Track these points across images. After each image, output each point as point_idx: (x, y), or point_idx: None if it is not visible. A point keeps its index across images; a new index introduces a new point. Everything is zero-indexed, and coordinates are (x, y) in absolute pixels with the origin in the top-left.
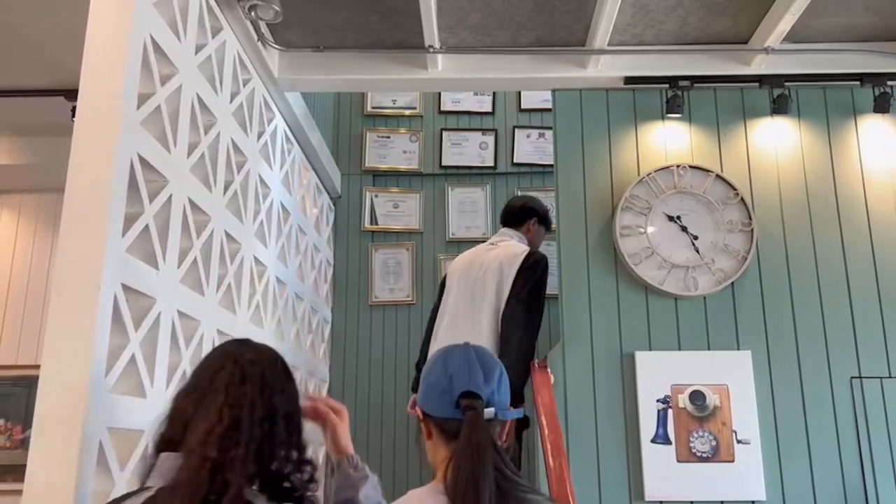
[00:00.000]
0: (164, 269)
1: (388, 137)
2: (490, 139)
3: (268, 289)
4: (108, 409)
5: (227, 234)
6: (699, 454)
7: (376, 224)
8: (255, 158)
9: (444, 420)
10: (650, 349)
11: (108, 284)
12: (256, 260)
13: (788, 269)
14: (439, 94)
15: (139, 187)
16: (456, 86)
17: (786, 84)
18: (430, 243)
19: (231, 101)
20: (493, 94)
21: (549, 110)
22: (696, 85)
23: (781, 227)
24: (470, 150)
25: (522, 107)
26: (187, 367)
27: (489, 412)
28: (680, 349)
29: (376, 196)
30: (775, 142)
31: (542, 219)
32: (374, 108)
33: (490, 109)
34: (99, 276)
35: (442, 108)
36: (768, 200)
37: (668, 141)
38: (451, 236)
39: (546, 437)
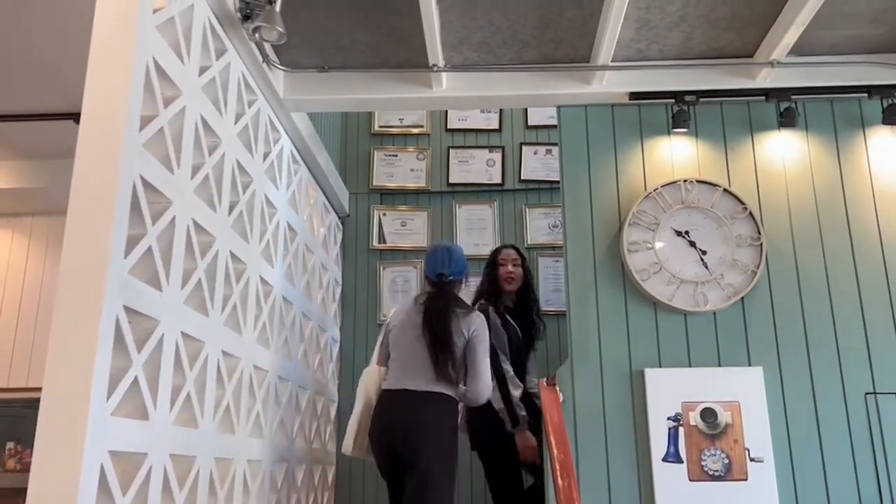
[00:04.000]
0: (167, 291)
1: (396, 156)
2: (497, 156)
3: (274, 308)
4: (110, 431)
5: (233, 255)
6: (711, 473)
7: (384, 242)
8: (260, 179)
9: (431, 280)
10: (660, 366)
11: (110, 306)
12: (262, 280)
13: (799, 283)
14: (446, 112)
15: (142, 209)
16: (461, 104)
17: (792, 97)
18: None
19: (236, 122)
20: (500, 111)
21: (556, 126)
22: (701, 99)
23: (791, 241)
24: (477, 167)
25: (529, 123)
26: (191, 388)
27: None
28: (690, 366)
29: (384, 214)
30: (783, 155)
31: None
32: (381, 126)
33: (497, 126)
34: (101, 298)
35: (449, 126)
36: (777, 214)
37: (674, 155)
38: None
39: (555, 456)
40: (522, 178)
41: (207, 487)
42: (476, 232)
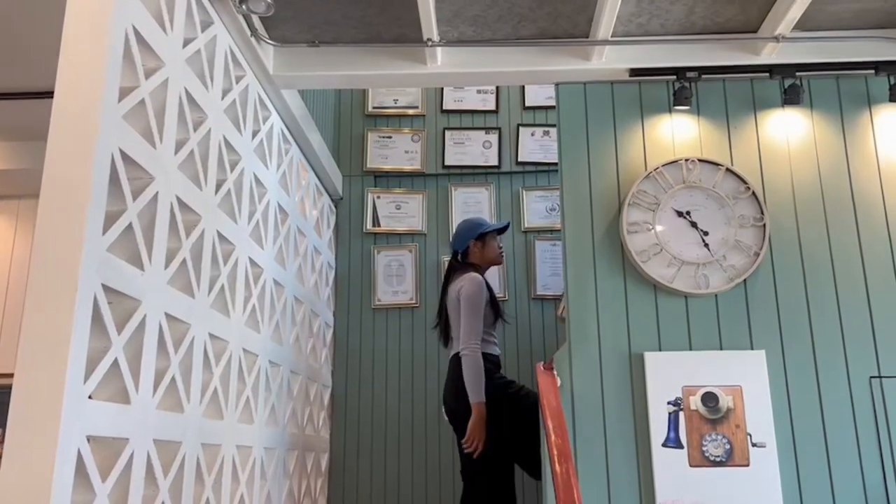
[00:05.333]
0: (149, 270)
1: (390, 137)
2: (494, 138)
3: (264, 291)
4: (88, 415)
5: (220, 235)
6: (712, 458)
7: (378, 226)
8: (249, 157)
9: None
10: (660, 349)
11: (87, 284)
12: (252, 262)
13: (803, 265)
14: (441, 92)
15: (121, 184)
16: (456, 80)
17: (797, 74)
18: (433, 245)
19: (223, 97)
20: (497, 91)
21: (554, 108)
22: (704, 76)
23: (795, 221)
24: (473, 149)
25: (527, 104)
26: (176, 372)
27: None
28: (691, 349)
29: (378, 197)
30: (787, 134)
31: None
32: (375, 107)
33: (493, 108)
34: (76, 276)
35: (444, 107)
36: (781, 194)
37: (675, 134)
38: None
39: (552, 442)
40: (519, 160)
41: (194, 474)
42: (473, 215)
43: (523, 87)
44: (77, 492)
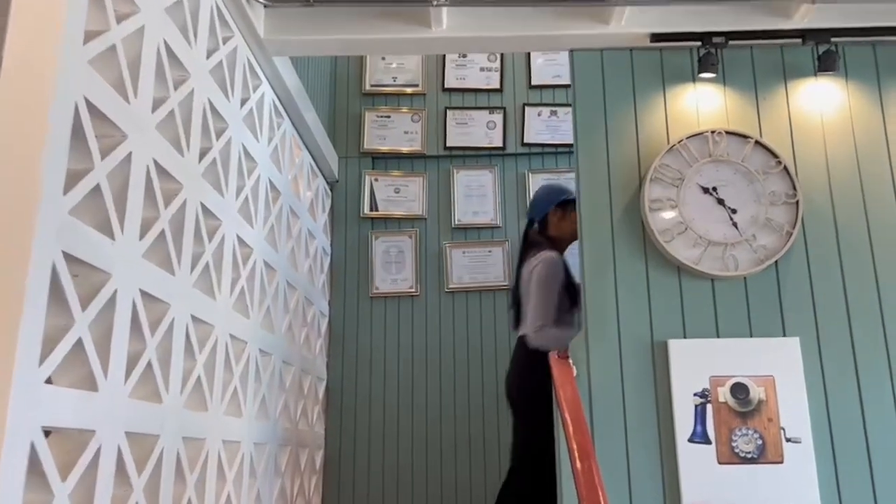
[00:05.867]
0: (121, 240)
1: (389, 117)
2: (498, 118)
3: (254, 273)
4: (45, 404)
5: (204, 208)
6: (743, 455)
7: (376, 210)
8: (237, 127)
9: None
10: (685, 336)
11: (44, 250)
12: (240, 240)
13: (839, 244)
14: (443, 70)
15: (87, 138)
16: (462, 46)
17: (832, 40)
18: (434, 230)
19: (208, 57)
20: (501, 69)
21: (561, 86)
22: (731, 42)
23: (829, 198)
24: (476, 129)
25: (533, 83)
26: (153, 356)
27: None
28: (718, 336)
29: (376, 180)
30: (820, 104)
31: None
32: (372, 86)
33: (498, 86)
34: (30, 239)
35: (446, 86)
36: (814, 169)
37: (700, 105)
38: (457, 222)
39: (571, 437)
40: (525, 141)
41: (173, 471)
42: (475, 199)
43: (529, 64)
44: (31, 491)
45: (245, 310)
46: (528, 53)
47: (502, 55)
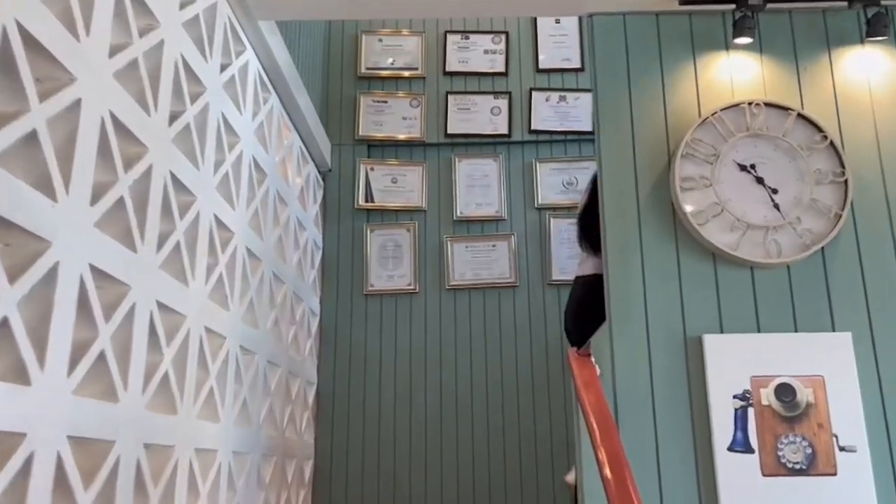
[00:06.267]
0: (65, 203)
1: (386, 102)
2: (503, 103)
3: (235, 260)
4: None
5: (175, 179)
6: (790, 465)
7: (372, 201)
8: (216, 93)
9: None
10: (721, 331)
11: None
12: (219, 221)
13: (892, 227)
14: (444, 52)
15: (19, 73)
16: (468, 9)
17: (882, 2)
18: (434, 223)
19: (181, 8)
20: (507, 51)
21: (571, 70)
22: (768, 6)
23: (881, 176)
24: (480, 115)
25: (540, 67)
26: (107, 347)
27: None
28: (759, 331)
29: (372, 169)
30: (868, 74)
31: None
32: (368, 68)
33: (503, 69)
34: None
35: (447, 69)
36: (863, 145)
37: (734, 74)
38: (458, 215)
39: (598, 444)
40: (532, 128)
41: (132, 483)
42: (478, 190)
43: (536, 47)
44: None
45: (224, 300)
46: (535, 34)
47: (507, 36)
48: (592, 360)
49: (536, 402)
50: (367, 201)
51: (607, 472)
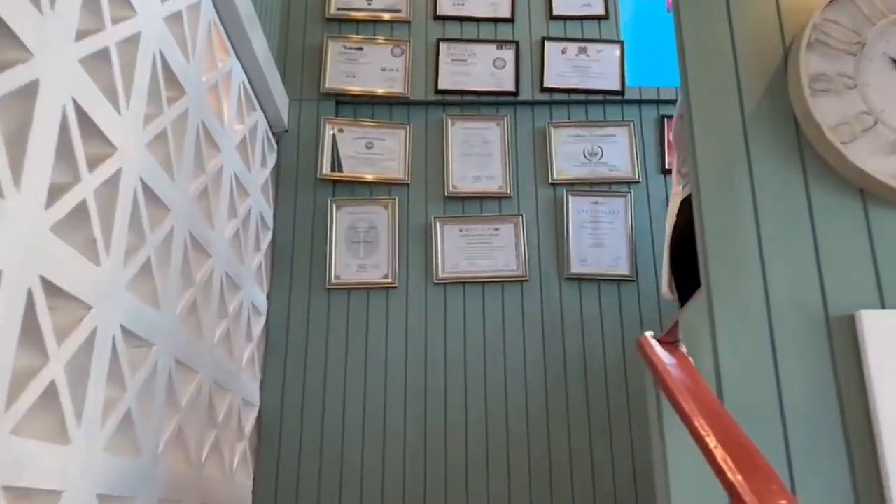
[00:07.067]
0: None
1: (361, 49)
2: (509, 54)
3: (116, 192)
4: None
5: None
6: None
7: (339, 171)
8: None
9: None
10: (882, 306)
11: None
12: (85, 117)
13: None
14: None
15: None
16: None
17: None
18: (419, 199)
19: None
20: None
21: (592, 18)
22: None
23: None
24: (480, 69)
25: (554, 13)
26: None
27: None
28: None
29: (341, 131)
30: None
31: None
32: (340, 8)
33: (508, 14)
34: None
35: (439, 13)
36: None
37: None
38: (451, 190)
39: (711, 448)
40: (545, 85)
41: None
42: (477, 159)
43: None
44: None
45: (88, 248)
46: None
47: None
48: (682, 347)
49: (553, 433)
50: (333, 170)
51: (729, 477)
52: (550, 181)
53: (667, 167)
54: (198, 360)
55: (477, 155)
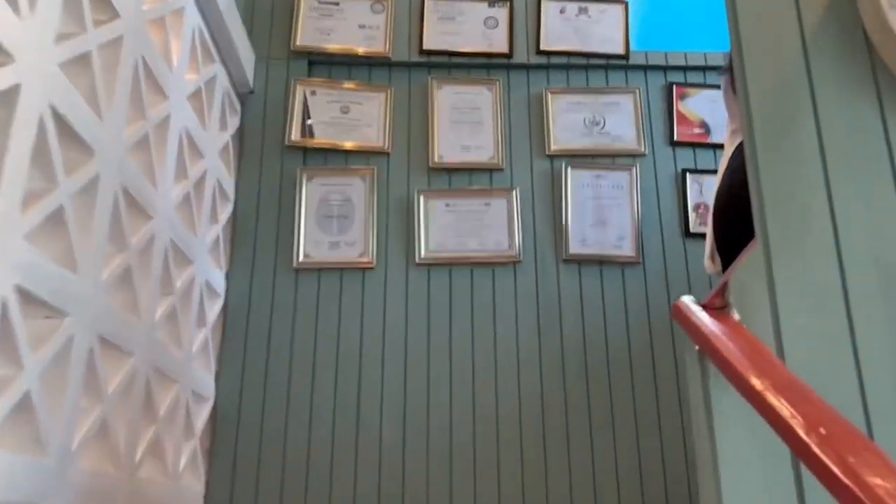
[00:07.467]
0: None
1: (336, 4)
2: (502, 13)
3: (10, 116)
4: None
5: None
6: None
7: (311, 137)
8: None
9: None
10: None
11: None
12: None
13: None
14: None
15: None
16: None
17: None
18: (401, 171)
19: None
20: None
21: None
22: None
23: None
24: (470, 28)
25: None
26: None
27: None
28: None
29: (313, 93)
30: None
31: None
32: None
33: None
34: None
35: None
36: None
37: None
38: (437, 160)
39: (792, 420)
40: (542, 48)
41: None
42: (467, 127)
43: None
44: None
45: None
46: None
47: None
48: (735, 314)
49: (548, 431)
50: (303, 136)
51: (824, 457)
52: (547, 152)
53: (675, 139)
54: (131, 341)
55: (466, 122)
